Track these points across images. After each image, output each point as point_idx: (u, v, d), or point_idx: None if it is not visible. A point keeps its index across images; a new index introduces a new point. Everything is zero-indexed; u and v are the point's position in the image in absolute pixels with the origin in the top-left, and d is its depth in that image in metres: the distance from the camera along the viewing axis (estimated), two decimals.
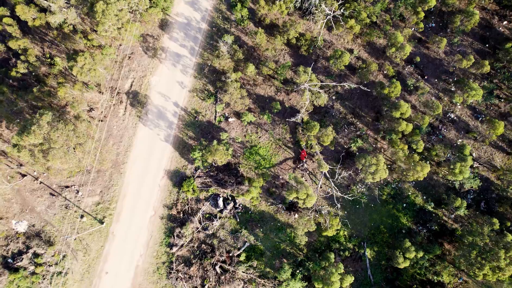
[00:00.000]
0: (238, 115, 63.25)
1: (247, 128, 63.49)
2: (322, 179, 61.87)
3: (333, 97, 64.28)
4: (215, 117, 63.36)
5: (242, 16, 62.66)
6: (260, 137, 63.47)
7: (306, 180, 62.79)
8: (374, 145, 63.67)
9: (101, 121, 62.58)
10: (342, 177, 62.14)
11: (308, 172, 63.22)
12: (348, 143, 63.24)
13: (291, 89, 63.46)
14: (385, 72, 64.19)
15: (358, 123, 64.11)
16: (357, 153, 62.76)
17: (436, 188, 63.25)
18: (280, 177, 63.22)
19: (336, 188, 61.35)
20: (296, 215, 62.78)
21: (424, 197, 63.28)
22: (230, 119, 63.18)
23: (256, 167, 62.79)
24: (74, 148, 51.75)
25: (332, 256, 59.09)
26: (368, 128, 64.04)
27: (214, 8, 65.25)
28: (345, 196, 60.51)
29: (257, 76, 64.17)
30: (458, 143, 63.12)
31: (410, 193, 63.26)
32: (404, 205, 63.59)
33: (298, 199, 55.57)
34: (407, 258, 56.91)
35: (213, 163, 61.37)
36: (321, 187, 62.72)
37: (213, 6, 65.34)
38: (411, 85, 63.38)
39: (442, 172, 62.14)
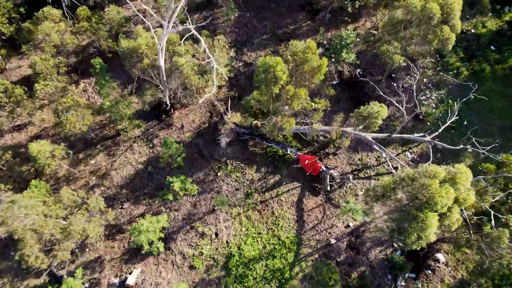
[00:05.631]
0: (138, 251, 23.64)
1: (179, 252, 24.22)
2: (384, 153, 25.58)
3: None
4: None
5: None
6: (217, 231, 24.78)
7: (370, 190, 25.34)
8: (366, 38, 31.48)
9: None
10: (396, 116, 27.32)
11: (347, 176, 26.43)
12: (335, 69, 29.53)
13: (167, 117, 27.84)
14: None
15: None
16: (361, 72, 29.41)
17: None
18: (333, 242, 24.65)
19: (416, 135, 25.84)
20: (442, 258, 24.01)
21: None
22: (132, 275, 22.99)
23: (282, 280, 23.08)
24: None
25: None
26: (323, 26, 31.67)
27: None
28: (438, 133, 25.14)
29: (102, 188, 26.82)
30: None
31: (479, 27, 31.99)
32: (492, 47, 31.69)
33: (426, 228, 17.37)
34: None
35: None
36: (395, 169, 26.23)
37: None
38: None
39: None
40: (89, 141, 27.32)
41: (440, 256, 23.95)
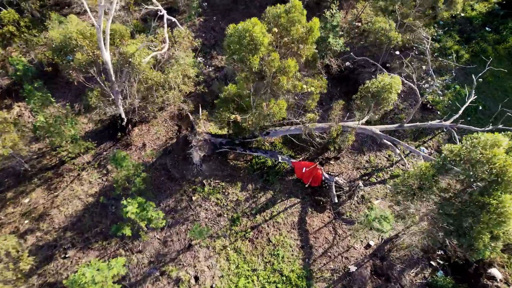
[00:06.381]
0: None
1: None
2: (399, 151, 20.71)
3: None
4: None
5: None
6: (197, 274, 18.23)
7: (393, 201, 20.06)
8: (351, 28, 27.83)
9: None
10: (401, 108, 22.88)
11: (357, 183, 21.01)
12: (321, 64, 25.26)
13: (121, 134, 22.26)
14: None
15: None
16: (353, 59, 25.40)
17: None
18: (353, 269, 18.55)
19: (432, 122, 21.24)
20: (499, 274, 18.25)
21: None
22: None
23: None
24: None
25: None
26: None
27: None
28: (458, 115, 20.84)
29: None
30: None
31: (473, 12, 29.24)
32: (488, 28, 28.75)
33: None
34: None
35: None
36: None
37: None
38: None
39: None
40: (22, 174, 21.06)
41: (494, 271, 18.21)
